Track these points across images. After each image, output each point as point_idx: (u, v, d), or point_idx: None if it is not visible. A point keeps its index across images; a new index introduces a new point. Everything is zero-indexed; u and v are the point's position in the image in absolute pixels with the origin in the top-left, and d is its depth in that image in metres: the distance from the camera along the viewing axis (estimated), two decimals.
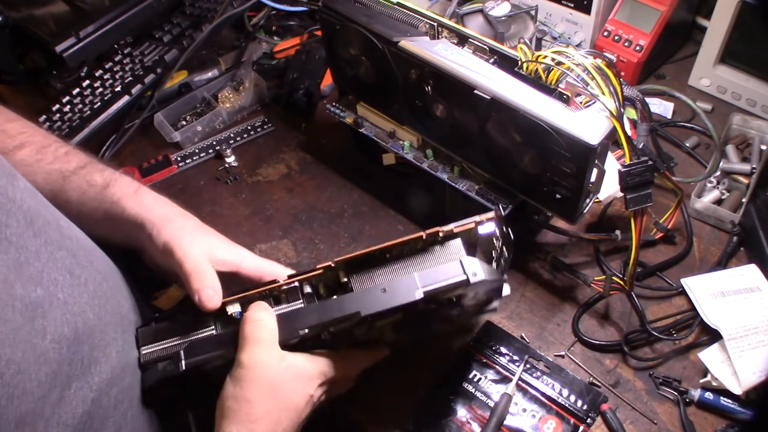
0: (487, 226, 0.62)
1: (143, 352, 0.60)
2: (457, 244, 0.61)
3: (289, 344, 0.59)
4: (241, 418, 0.55)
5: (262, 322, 0.58)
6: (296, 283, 0.62)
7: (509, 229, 0.63)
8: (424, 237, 0.61)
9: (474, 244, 0.63)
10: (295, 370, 0.58)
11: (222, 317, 0.61)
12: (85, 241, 0.58)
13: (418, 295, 0.56)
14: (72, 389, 0.49)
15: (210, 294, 0.60)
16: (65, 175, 0.66)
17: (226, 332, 0.60)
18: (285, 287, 0.62)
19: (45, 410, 0.46)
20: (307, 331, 0.58)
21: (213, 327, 0.61)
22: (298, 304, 0.62)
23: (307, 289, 0.62)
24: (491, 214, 0.62)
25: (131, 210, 0.64)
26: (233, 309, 0.61)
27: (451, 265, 0.58)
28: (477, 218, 0.62)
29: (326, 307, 0.59)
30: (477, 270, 0.57)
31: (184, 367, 0.58)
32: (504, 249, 0.64)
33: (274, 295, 0.62)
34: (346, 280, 0.61)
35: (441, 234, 0.61)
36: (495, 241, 0.63)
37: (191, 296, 0.60)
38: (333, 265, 0.61)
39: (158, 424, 0.62)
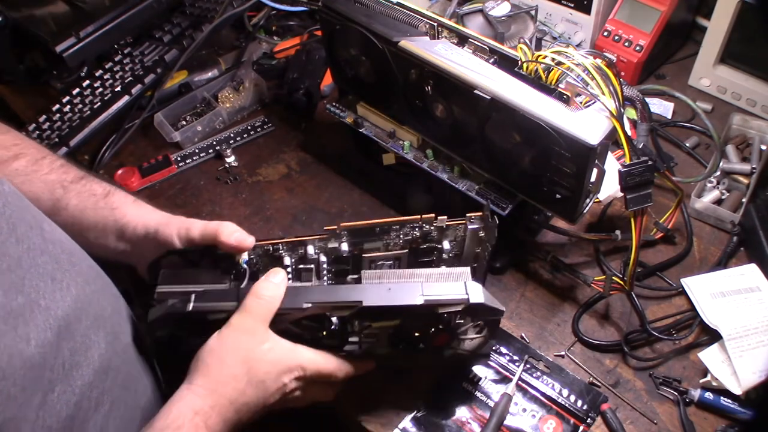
0: (475, 222, 0.68)
1: (159, 290, 0.62)
2: (465, 270, 0.66)
3: (287, 325, 0.61)
4: (210, 375, 0.58)
5: (265, 301, 0.61)
6: (305, 244, 0.67)
7: (496, 218, 0.66)
8: (420, 219, 0.68)
9: (463, 241, 0.69)
10: (276, 354, 0.60)
11: (239, 278, 0.66)
12: (68, 243, 0.59)
13: (419, 300, 0.60)
14: (56, 393, 0.49)
15: (241, 236, 0.64)
16: (64, 185, 0.69)
17: (236, 290, 0.63)
18: (290, 243, 0.67)
19: (29, 414, 0.46)
20: (310, 305, 0.60)
21: (227, 283, 0.65)
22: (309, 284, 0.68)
23: (310, 252, 0.67)
24: (480, 213, 0.68)
25: (131, 215, 0.68)
26: (242, 257, 0.66)
27: (455, 284, 0.62)
28: (468, 216, 0.68)
29: (333, 290, 0.65)
30: (478, 294, 0.60)
31: (190, 308, 0.61)
32: (489, 247, 0.68)
33: (277, 255, 0.67)
34: (357, 275, 0.66)
35: (436, 221, 0.68)
36: (481, 238, 0.69)
37: (223, 246, 0.64)
38: (338, 230, 0.66)
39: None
